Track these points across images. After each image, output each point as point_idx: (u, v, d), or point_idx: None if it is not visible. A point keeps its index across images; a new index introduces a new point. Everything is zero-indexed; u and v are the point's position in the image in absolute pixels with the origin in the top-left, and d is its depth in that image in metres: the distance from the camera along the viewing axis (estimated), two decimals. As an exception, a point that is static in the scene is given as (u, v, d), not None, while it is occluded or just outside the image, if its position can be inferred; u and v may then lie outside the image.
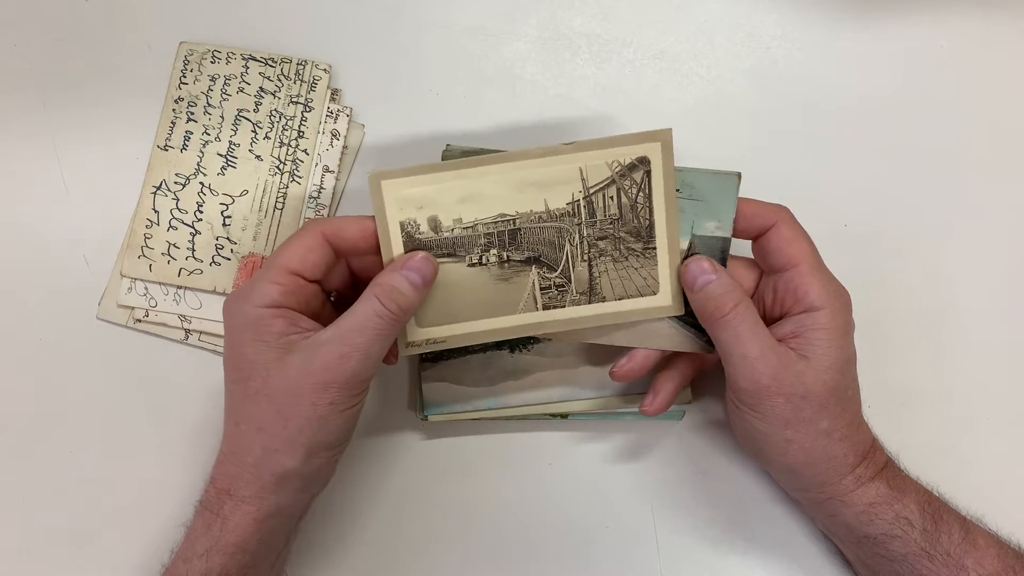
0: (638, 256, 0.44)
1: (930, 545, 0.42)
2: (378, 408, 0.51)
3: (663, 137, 0.43)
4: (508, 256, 0.44)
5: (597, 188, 0.43)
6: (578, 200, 0.43)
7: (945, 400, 0.52)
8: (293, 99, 0.54)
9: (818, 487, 0.44)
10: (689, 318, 0.45)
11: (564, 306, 0.44)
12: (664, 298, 0.44)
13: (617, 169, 0.43)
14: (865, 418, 0.45)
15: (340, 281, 0.45)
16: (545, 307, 0.44)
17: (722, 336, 0.42)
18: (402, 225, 0.43)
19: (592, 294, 0.44)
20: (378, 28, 0.56)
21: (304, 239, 0.42)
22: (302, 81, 0.54)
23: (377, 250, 0.43)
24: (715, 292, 0.42)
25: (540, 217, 0.43)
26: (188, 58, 0.54)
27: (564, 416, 0.50)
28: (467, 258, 0.43)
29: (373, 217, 0.43)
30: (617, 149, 0.43)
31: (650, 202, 0.43)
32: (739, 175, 0.44)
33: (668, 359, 0.47)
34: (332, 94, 0.54)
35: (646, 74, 0.56)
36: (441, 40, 0.56)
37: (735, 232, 0.45)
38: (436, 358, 0.49)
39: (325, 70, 0.54)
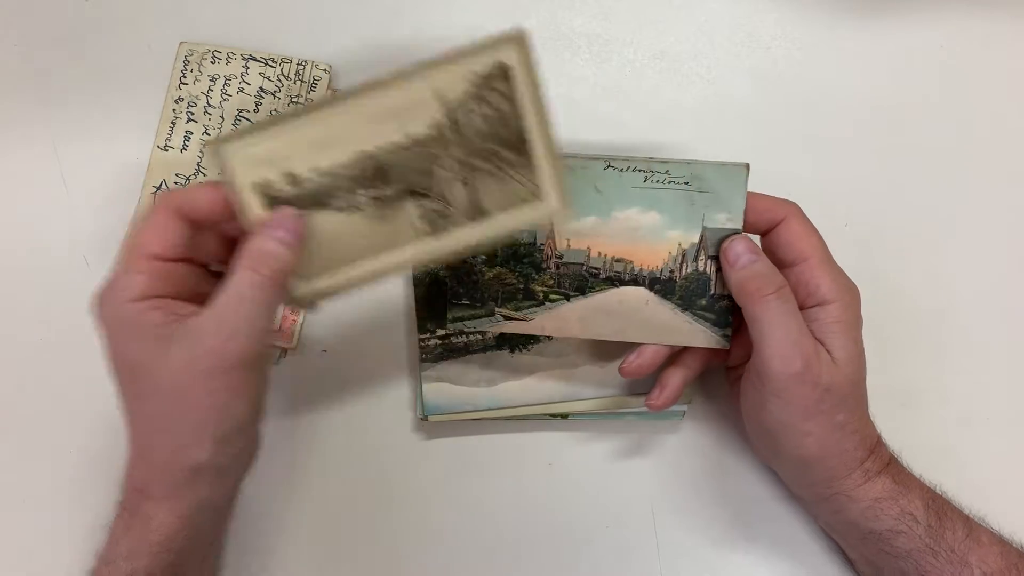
0: (516, 167, 0.41)
1: (934, 541, 0.43)
2: (378, 408, 0.51)
3: (517, 38, 0.40)
4: (378, 194, 0.41)
5: (459, 104, 0.40)
6: (441, 121, 0.40)
7: (945, 400, 0.52)
8: (293, 99, 0.54)
9: (826, 482, 0.44)
10: (704, 312, 0.45)
11: (449, 230, 0.41)
12: (550, 201, 0.41)
13: (475, 81, 0.40)
14: (866, 417, 0.45)
15: (214, 252, 0.42)
16: (430, 235, 0.41)
17: (763, 315, 0.42)
18: (256, 187, 0.39)
19: (477, 213, 0.41)
20: (378, 28, 0.56)
21: (156, 219, 0.39)
22: (302, 81, 0.54)
23: (229, 216, 0.40)
24: (761, 271, 0.43)
25: (403, 147, 0.40)
26: (188, 58, 0.54)
27: (564, 416, 0.50)
28: (335, 204, 0.40)
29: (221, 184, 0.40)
30: (468, 61, 0.40)
31: (517, 109, 0.40)
32: (747, 166, 0.44)
33: (676, 354, 0.47)
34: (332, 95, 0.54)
35: (646, 74, 0.56)
36: (441, 40, 0.56)
37: (745, 227, 0.45)
38: (436, 358, 0.49)
39: (325, 70, 0.54)
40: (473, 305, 0.46)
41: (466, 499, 0.51)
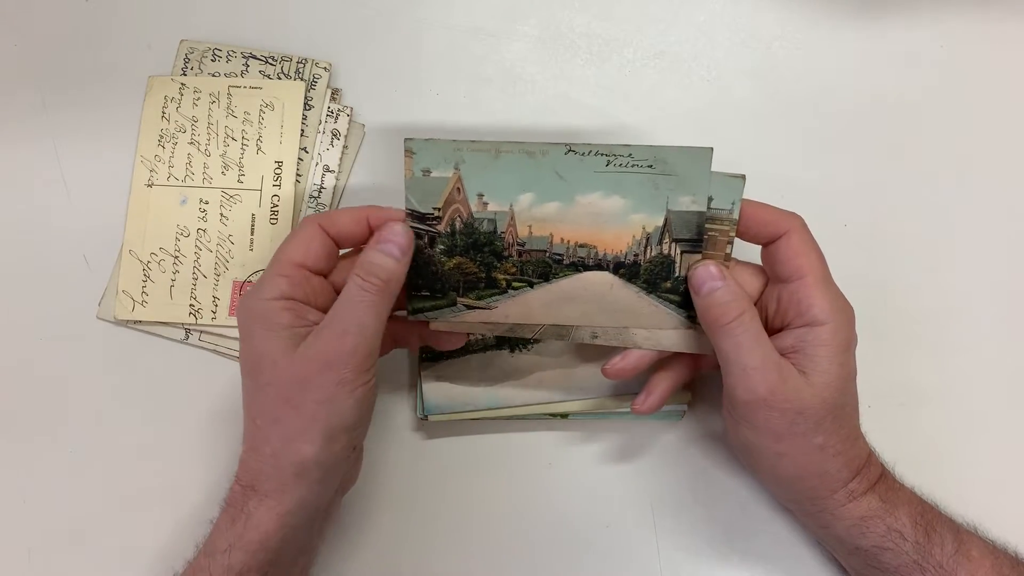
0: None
1: (922, 558, 0.42)
2: (378, 408, 0.51)
3: None
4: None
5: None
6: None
7: (945, 400, 0.52)
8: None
9: (809, 500, 0.44)
10: (668, 294, 0.45)
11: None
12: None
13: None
14: (864, 418, 0.45)
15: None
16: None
17: (723, 344, 0.42)
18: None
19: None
20: (378, 28, 0.56)
21: (303, 231, 0.43)
22: (302, 79, 0.54)
23: (368, 237, 0.44)
24: (721, 299, 0.42)
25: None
26: (188, 56, 0.54)
27: (564, 416, 0.50)
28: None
29: (369, 206, 0.44)
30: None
31: None
32: (711, 149, 0.43)
33: (664, 360, 0.47)
34: (332, 94, 0.54)
35: (646, 74, 0.56)
36: (441, 40, 0.56)
37: (746, 238, 0.44)
38: (436, 358, 0.49)
39: (325, 68, 0.54)
40: (433, 296, 0.45)
41: (466, 499, 0.51)
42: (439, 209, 0.44)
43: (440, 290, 0.45)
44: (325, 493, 0.43)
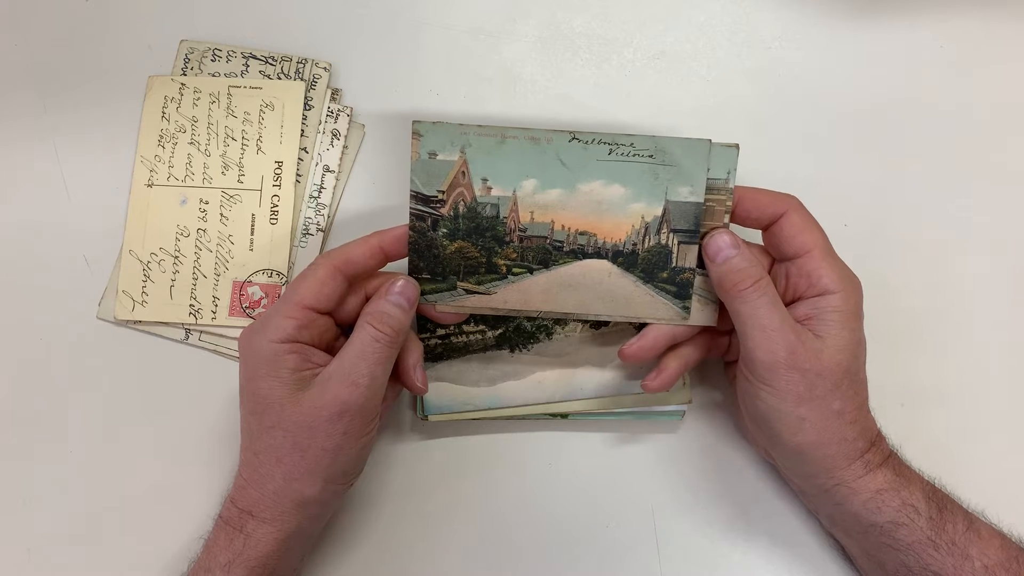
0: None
1: (935, 534, 0.43)
2: (378, 408, 0.51)
3: None
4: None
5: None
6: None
7: (945, 400, 0.52)
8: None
9: (827, 472, 0.44)
10: (665, 284, 0.46)
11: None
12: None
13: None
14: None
15: (354, 311, 0.46)
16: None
17: (742, 309, 0.43)
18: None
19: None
20: (378, 28, 0.56)
21: (317, 273, 0.44)
22: (302, 79, 0.54)
23: (384, 263, 0.45)
24: (737, 266, 0.43)
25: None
26: (188, 56, 0.54)
27: (564, 416, 0.50)
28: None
29: (376, 234, 0.45)
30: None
31: None
32: (710, 140, 0.44)
33: (675, 343, 0.47)
34: (332, 94, 0.54)
35: (646, 74, 0.56)
36: (441, 40, 0.56)
37: (746, 222, 0.45)
38: (436, 358, 0.49)
39: (325, 68, 0.54)
40: (434, 279, 0.46)
41: (466, 499, 0.51)
42: (443, 192, 0.44)
43: (441, 274, 0.46)
44: (321, 521, 0.45)
